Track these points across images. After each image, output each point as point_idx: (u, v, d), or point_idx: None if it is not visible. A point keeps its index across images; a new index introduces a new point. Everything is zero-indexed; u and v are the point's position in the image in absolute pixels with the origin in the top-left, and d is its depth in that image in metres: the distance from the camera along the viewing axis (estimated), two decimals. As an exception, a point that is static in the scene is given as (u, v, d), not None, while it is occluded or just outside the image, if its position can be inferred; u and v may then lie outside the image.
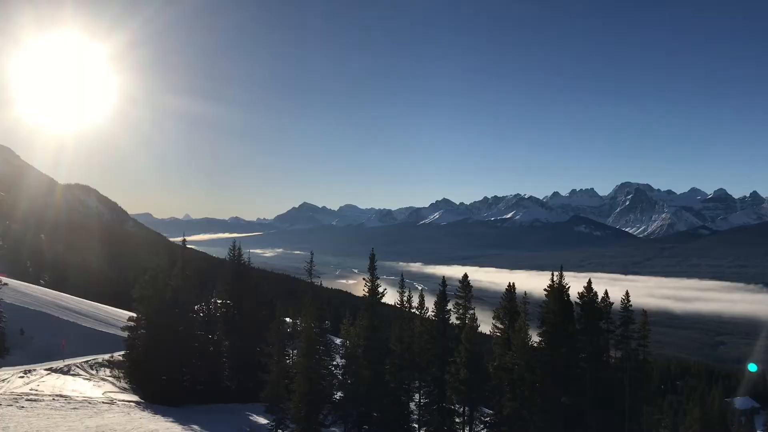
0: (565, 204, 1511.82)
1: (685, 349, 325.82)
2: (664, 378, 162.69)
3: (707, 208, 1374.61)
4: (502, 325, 48.81)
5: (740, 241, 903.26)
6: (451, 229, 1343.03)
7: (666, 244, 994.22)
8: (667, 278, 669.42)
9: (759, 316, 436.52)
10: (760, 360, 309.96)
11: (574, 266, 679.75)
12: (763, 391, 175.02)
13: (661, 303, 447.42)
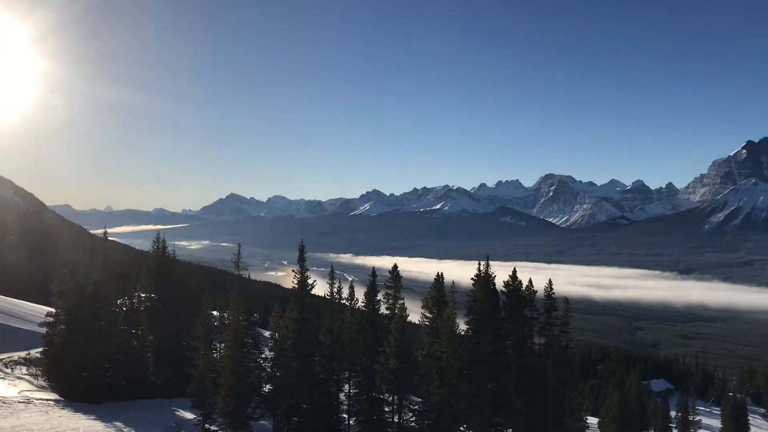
0: (492, 195, 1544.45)
1: (604, 334, 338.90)
2: (585, 363, 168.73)
3: (626, 199, 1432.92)
4: (431, 314, 49.42)
5: (656, 231, 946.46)
6: (382, 220, 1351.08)
7: (587, 233, 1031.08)
8: (588, 267, 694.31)
9: (673, 302, 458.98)
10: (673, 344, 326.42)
11: (500, 256, 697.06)
12: (677, 374, 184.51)
13: (582, 291, 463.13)
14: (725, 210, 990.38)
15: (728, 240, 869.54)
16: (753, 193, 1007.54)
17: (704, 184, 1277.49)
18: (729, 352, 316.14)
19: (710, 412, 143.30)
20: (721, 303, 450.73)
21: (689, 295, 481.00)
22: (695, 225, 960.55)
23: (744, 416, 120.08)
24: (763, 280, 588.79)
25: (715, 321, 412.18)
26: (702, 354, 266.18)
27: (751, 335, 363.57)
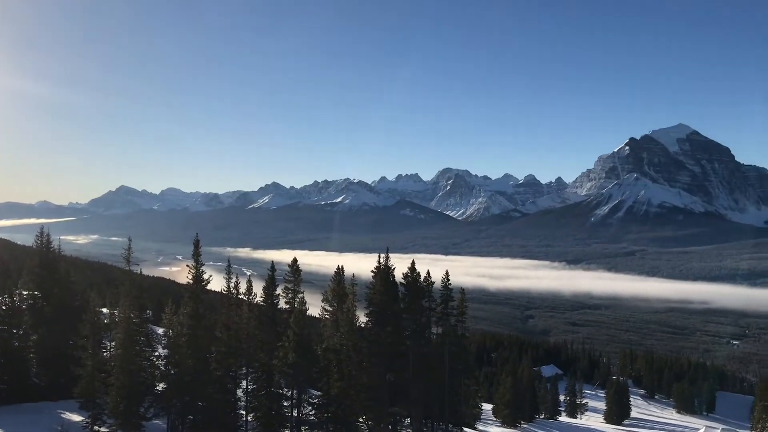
0: (391, 188, 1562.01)
1: (499, 323, 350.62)
2: (480, 351, 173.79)
3: (518, 192, 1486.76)
4: (331, 307, 49.51)
5: (547, 223, 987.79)
6: (282, 213, 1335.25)
7: (482, 226, 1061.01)
8: (483, 258, 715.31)
9: (562, 291, 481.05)
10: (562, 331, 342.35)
11: (399, 248, 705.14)
12: (566, 359, 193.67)
13: (477, 281, 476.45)
14: (610, 203, 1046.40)
15: (612, 231, 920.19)
16: (635, 188, 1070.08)
17: (590, 179, 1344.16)
18: (613, 337, 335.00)
19: (596, 395, 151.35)
20: (606, 291, 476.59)
21: (577, 284, 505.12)
22: (582, 217, 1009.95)
23: (626, 397, 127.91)
24: (644, 269, 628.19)
25: (600, 308, 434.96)
26: (588, 340, 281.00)
27: (633, 321, 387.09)
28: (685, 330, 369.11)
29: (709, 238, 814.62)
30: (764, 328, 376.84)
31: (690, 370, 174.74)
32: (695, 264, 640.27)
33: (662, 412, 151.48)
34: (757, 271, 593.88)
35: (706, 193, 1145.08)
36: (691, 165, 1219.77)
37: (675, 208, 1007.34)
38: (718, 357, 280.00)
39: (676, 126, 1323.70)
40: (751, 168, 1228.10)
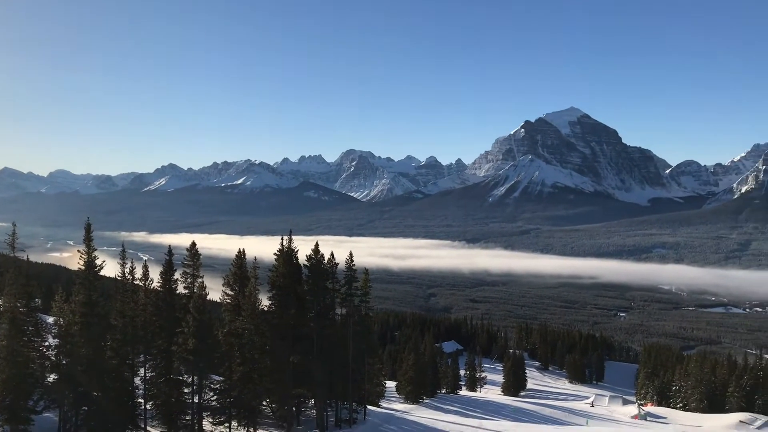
0: (295, 170, 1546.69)
1: (402, 302, 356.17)
2: (383, 330, 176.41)
3: (420, 174, 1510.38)
4: (233, 291, 48.68)
5: (447, 204, 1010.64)
6: (179, 196, 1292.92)
7: (386, 207, 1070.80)
8: (386, 238, 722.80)
9: (461, 269, 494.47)
10: (462, 308, 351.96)
11: (303, 230, 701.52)
12: (466, 335, 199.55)
13: (381, 261, 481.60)
14: (506, 184, 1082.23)
15: (509, 211, 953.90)
16: (530, 169, 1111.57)
17: (488, 160, 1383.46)
18: (510, 312, 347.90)
19: (494, 368, 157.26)
20: (503, 268, 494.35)
21: (475, 263, 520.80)
22: (481, 198, 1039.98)
23: (522, 369, 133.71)
24: (538, 247, 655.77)
25: (498, 285, 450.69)
26: (487, 316, 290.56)
27: (528, 297, 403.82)
28: (576, 304, 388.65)
29: (598, 216, 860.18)
30: (648, 300, 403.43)
31: (581, 342, 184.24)
32: (585, 241, 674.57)
33: (556, 383, 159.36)
34: (641, 247, 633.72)
35: (596, 174, 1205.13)
36: (581, 147, 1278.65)
37: (567, 188, 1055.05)
38: (607, 328, 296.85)
39: (567, 109, 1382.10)
40: (636, 149, 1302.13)
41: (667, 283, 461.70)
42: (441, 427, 56.33)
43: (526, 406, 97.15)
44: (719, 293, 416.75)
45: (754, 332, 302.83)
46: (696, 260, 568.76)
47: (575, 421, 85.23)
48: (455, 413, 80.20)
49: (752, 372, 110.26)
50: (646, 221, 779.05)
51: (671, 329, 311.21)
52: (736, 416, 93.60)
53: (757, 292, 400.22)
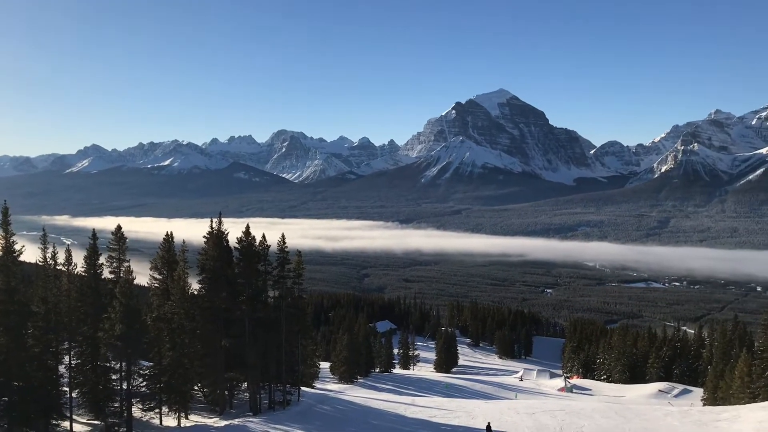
0: (224, 151, 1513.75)
1: (336, 283, 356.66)
2: (317, 311, 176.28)
3: (353, 155, 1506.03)
4: (161, 275, 47.71)
5: (380, 185, 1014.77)
6: (104, 178, 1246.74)
7: (319, 188, 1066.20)
8: (319, 220, 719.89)
9: (394, 249, 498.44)
10: (396, 288, 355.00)
11: (233, 212, 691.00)
12: (399, 314, 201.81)
13: (314, 243, 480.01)
14: (438, 165, 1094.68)
15: (441, 192, 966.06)
16: (461, 150, 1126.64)
17: (421, 141, 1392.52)
18: (442, 291, 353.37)
19: (427, 346, 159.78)
20: (435, 248, 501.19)
21: (408, 243, 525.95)
22: (413, 179, 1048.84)
23: (454, 346, 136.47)
24: (469, 227, 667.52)
25: (430, 264, 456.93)
26: (420, 295, 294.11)
27: (459, 275, 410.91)
28: (505, 281, 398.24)
29: (526, 196, 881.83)
30: (573, 277, 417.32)
31: (510, 319, 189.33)
32: (514, 220, 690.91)
33: (486, 358, 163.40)
34: (567, 226, 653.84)
35: (524, 155, 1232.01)
36: (510, 128, 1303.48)
37: (496, 169, 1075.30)
38: (534, 305, 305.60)
39: (497, 91, 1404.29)
40: (562, 131, 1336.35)
41: (592, 259, 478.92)
42: (375, 405, 56.97)
43: (457, 382, 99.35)
44: (640, 269, 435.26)
45: (672, 306, 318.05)
46: (619, 237, 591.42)
47: (505, 395, 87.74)
48: (389, 391, 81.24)
49: (670, 343, 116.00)
50: (572, 200, 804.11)
51: (595, 304, 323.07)
52: (656, 386, 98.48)
53: (675, 267, 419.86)
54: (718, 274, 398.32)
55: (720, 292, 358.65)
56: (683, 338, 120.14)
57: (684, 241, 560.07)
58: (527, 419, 49.79)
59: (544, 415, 52.10)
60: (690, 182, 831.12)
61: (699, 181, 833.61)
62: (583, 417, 51.31)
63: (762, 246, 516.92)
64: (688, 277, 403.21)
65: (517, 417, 50.69)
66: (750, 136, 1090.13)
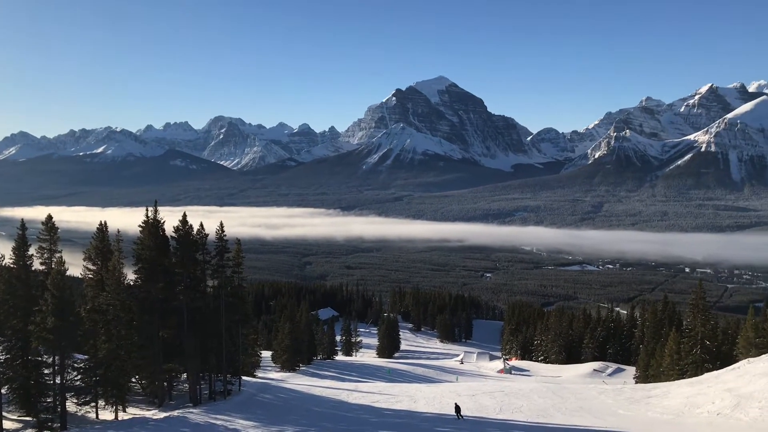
0: (159, 138, 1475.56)
1: (277, 271, 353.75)
2: (258, 300, 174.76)
3: (293, 141, 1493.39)
4: (95, 265, 46.50)
5: (321, 171, 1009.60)
6: (32, 166, 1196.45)
7: (258, 175, 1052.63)
8: (259, 208, 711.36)
9: (336, 236, 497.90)
10: (338, 275, 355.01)
11: (170, 200, 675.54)
12: (341, 301, 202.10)
13: (254, 231, 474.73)
14: (379, 152, 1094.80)
15: (382, 178, 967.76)
16: (401, 137, 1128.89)
17: (362, 128, 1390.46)
18: (384, 277, 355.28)
19: (369, 332, 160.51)
20: (377, 235, 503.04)
21: (350, 230, 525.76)
22: (355, 165, 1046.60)
23: (396, 332, 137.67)
24: (410, 213, 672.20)
25: (372, 251, 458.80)
26: (362, 281, 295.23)
27: (401, 261, 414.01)
28: (446, 266, 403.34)
29: (466, 182, 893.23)
30: (511, 261, 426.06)
31: (451, 303, 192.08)
32: (454, 206, 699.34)
33: (428, 343, 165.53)
34: (505, 211, 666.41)
35: (463, 141, 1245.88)
36: (450, 115, 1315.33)
37: (437, 156, 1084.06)
38: (474, 289, 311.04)
39: (436, 78, 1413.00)
40: (500, 118, 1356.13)
41: (529, 244, 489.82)
42: (317, 392, 57.05)
43: (400, 367, 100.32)
44: (575, 252, 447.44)
45: (606, 287, 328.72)
46: (554, 222, 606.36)
47: (446, 379, 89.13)
48: (332, 378, 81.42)
49: (604, 324, 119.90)
50: (510, 186, 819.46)
51: (533, 287, 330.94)
52: (591, 365, 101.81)
53: (608, 250, 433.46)
54: (648, 256, 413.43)
55: (651, 274, 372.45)
56: (616, 319, 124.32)
57: (617, 225, 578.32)
58: (468, 401, 50.78)
59: (484, 397, 53.25)
60: (622, 168, 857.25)
61: (631, 167, 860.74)
62: (521, 397, 52.68)
63: (690, 229, 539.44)
64: (621, 259, 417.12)
65: (458, 399, 51.61)
66: (679, 123, 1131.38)
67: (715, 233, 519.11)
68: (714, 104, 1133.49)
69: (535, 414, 44.20)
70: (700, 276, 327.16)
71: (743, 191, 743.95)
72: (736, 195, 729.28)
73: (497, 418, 43.19)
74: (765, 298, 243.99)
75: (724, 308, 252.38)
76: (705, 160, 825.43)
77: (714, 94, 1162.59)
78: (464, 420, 42.32)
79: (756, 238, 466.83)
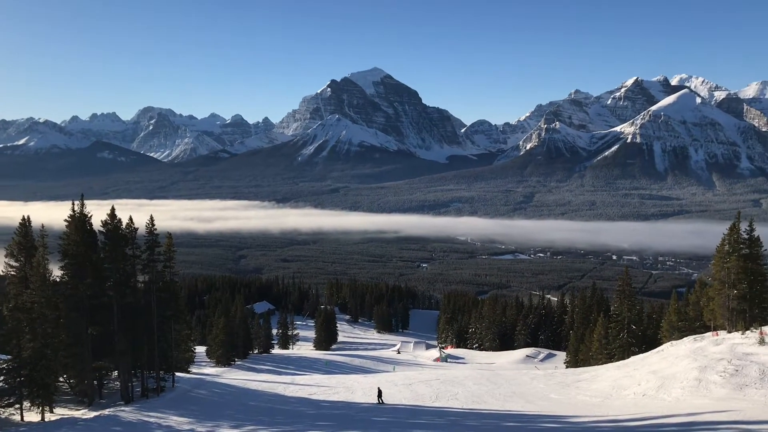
0: (86, 129, 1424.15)
1: (210, 265, 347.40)
2: (191, 295, 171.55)
3: (226, 132, 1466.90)
4: (18, 262, 44.92)
5: (255, 163, 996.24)
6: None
7: (190, 167, 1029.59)
8: (191, 201, 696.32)
9: (271, 229, 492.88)
10: (274, 268, 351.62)
11: (97, 194, 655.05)
12: (277, 294, 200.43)
13: (186, 225, 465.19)
14: (315, 143, 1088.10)
15: (318, 170, 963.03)
16: (337, 128, 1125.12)
17: (296, 119, 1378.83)
18: (321, 269, 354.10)
19: (306, 325, 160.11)
20: (313, 227, 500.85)
21: (285, 222, 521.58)
22: (290, 157, 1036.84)
23: (333, 323, 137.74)
24: (346, 205, 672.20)
25: (308, 243, 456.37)
26: (298, 274, 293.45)
27: (338, 253, 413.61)
28: (383, 257, 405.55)
29: (401, 173, 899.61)
30: (447, 251, 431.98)
31: (388, 294, 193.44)
32: (390, 198, 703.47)
33: (365, 334, 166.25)
34: (440, 202, 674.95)
35: (399, 133, 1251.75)
36: (385, 107, 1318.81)
37: (373, 147, 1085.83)
38: (411, 279, 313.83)
39: (371, 69, 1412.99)
40: (434, 110, 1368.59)
41: (463, 234, 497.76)
42: (253, 386, 56.56)
43: (337, 359, 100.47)
44: (507, 242, 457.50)
45: (537, 275, 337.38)
46: (488, 212, 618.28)
47: (383, 369, 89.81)
48: (268, 372, 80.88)
49: (536, 311, 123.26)
50: (445, 178, 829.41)
51: (467, 276, 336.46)
52: (524, 351, 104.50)
53: (539, 239, 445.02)
54: (577, 244, 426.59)
55: (580, 262, 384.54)
56: (547, 306, 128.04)
57: (547, 215, 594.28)
58: (405, 390, 51.34)
59: (421, 385, 53.94)
60: (552, 159, 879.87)
61: (560, 158, 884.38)
62: (457, 385, 53.63)
63: (616, 217, 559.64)
64: (551, 248, 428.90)
65: (395, 389, 52.14)
66: (606, 115, 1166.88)
67: (640, 221, 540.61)
68: (639, 97, 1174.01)
69: (470, 400, 45.07)
70: (627, 263, 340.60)
71: (666, 181, 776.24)
72: (660, 184, 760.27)
73: (433, 405, 43.84)
74: (687, 284, 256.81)
75: (649, 294, 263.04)
76: (631, 151, 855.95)
77: (639, 87, 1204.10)
78: (384, 405, 43.77)
79: (678, 226, 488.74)
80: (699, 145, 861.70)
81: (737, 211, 55.97)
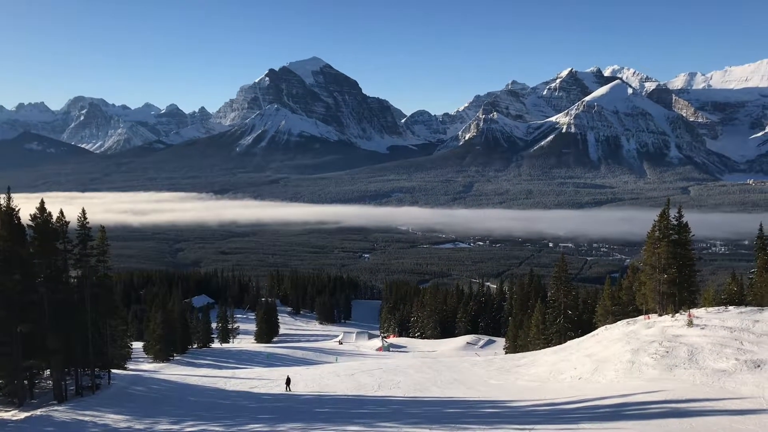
0: (12, 119, 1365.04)
1: (147, 259, 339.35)
2: (127, 290, 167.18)
3: (161, 123, 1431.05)
4: (-62, 259, 42.46)
5: (192, 154, 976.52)
6: None
7: (123, 159, 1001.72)
8: (125, 193, 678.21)
9: (208, 221, 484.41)
10: (212, 261, 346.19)
11: (25, 187, 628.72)
12: (216, 288, 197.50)
13: (120, 218, 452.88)
14: (253, 133, 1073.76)
15: (257, 161, 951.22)
16: (276, 118, 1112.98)
17: (234, 109, 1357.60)
18: (261, 262, 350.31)
19: (247, 318, 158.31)
20: (252, 219, 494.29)
21: (224, 214, 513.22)
22: (228, 147, 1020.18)
23: (274, 316, 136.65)
24: (287, 196, 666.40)
25: (248, 235, 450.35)
26: (238, 267, 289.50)
27: (279, 245, 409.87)
28: (324, 248, 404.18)
29: (342, 164, 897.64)
30: (388, 241, 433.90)
31: (330, 285, 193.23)
32: (331, 188, 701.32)
33: (307, 325, 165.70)
34: (381, 192, 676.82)
35: (339, 123, 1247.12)
36: (325, 97, 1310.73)
37: (313, 137, 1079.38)
38: (353, 270, 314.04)
39: (311, 59, 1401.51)
40: (375, 100, 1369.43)
41: (404, 224, 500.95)
42: (193, 381, 55.63)
43: (279, 351, 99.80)
44: (447, 231, 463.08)
45: (477, 263, 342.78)
46: (428, 202, 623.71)
47: (326, 360, 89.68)
48: (208, 366, 79.70)
49: (476, 298, 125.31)
50: (385, 168, 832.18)
51: (409, 266, 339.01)
52: (464, 339, 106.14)
53: (478, 228, 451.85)
54: (515, 232, 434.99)
55: (517, 249, 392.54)
56: (487, 293, 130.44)
57: (486, 204, 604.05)
58: (347, 380, 51.42)
59: (363, 375, 54.12)
60: (491, 149, 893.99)
61: (499, 148, 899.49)
62: (399, 373, 54.04)
63: (552, 206, 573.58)
64: (490, 236, 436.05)
65: (338, 379, 52.17)
66: (542, 105, 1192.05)
67: (575, 209, 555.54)
68: (573, 87, 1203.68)
69: (413, 389, 45.48)
70: (563, 250, 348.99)
71: (600, 170, 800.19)
72: (593, 173, 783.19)
73: (376, 395, 44.04)
74: (620, 269, 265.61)
75: (584, 279, 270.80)
76: (566, 140, 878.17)
77: (573, 78, 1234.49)
78: (291, 393, 46.06)
79: (611, 213, 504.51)
80: (630, 134, 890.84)
81: (667, 198, 58.19)
